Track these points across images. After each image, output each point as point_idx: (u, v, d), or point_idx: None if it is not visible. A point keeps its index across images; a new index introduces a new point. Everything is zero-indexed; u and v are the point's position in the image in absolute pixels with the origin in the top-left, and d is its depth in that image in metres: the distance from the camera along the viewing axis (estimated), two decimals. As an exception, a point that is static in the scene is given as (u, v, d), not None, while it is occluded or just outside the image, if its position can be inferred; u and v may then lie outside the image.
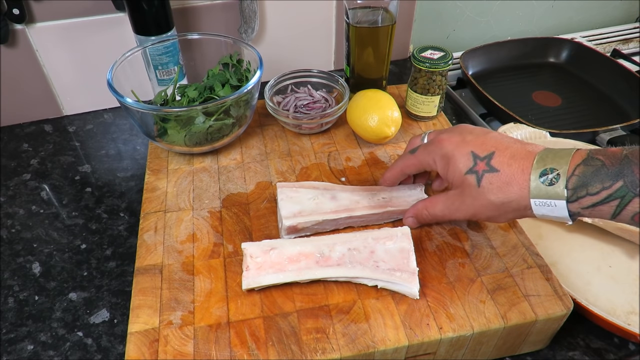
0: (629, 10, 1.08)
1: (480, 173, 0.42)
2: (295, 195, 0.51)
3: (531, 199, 0.39)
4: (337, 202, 0.51)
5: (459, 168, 0.43)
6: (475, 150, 0.43)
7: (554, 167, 0.38)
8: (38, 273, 0.56)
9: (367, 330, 0.43)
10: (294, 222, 0.48)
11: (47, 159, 0.72)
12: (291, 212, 0.49)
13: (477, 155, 0.42)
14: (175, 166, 0.61)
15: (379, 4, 0.64)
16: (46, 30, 0.71)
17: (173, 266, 0.49)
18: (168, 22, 0.67)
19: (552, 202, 0.38)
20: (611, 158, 0.37)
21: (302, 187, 0.52)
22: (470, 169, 0.42)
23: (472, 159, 0.42)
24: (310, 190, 0.52)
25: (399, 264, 0.46)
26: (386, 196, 0.53)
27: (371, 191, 0.53)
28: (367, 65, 0.69)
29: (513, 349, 0.48)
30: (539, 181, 0.39)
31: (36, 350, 0.49)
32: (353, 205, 0.51)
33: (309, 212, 0.50)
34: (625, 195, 0.35)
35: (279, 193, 0.52)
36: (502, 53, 0.91)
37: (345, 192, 0.53)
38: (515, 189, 0.40)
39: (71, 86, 0.77)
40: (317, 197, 0.51)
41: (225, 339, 0.42)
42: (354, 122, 0.64)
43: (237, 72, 0.65)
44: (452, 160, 0.44)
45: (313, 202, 0.51)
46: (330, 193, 0.52)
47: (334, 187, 0.53)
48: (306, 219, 0.49)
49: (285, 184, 0.53)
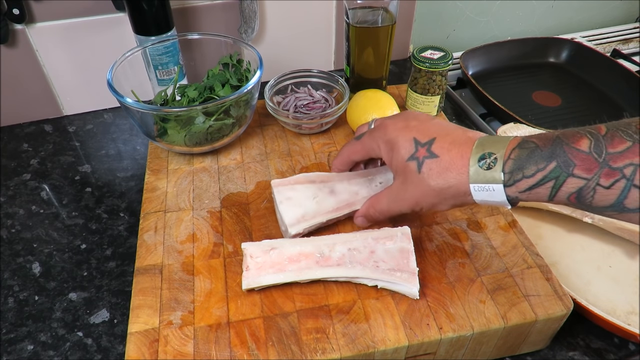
0: (629, 10, 1.08)
1: (421, 159, 0.41)
2: (294, 195, 0.50)
3: (470, 183, 0.39)
4: (337, 197, 0.51)
5: (401, 154, 0.43)
6: (417, 137, 0.42)
7: (492, 152, 0.38)
8: (38, 273, 0.56)
9: (367, 330, 0.43)
10: (300, 228, 0.48)
11: (47, 159, 0.72)
12: (294, 218, 0.49)
13: (418, 142, 0.42)
14: (175, 166, 0.61)
15: (379, 4, 0.64)
16: (46, 30, 0.71)
17: (173, 266, 0.49)
18: (168, 22, 0.67)
19: (490, 187, 0.38)
20: (544, 140, 0.37)
21: (298, 182, 0.51)
22: (412, 155, 0.42)
23: (414, 145, 0.42)
24: (308, 187, 0.51)
25: (399, 264, 0.46)
26: (382, 180, 0.52)
27: (367, 176, 0.52)
28: (367, 65, 0.69)
29: (513, 349, 0.48)
30: (477, 166, 0.38)
31: (36, 350, 0.49)
32: (353, 197, 0.51)
33: (312, 215, 0.49)
34: (559, 175, 0.35)
35: (275, 194, 0.50)
36: (502, 53, 0.91)
37: (342, 182, 0.52)
38: (454, 174, 0.40)
39: (71, 86, 0.77)
40: (317, 194, 0.50)
41: (225, 339, 0.42)
42: (354, 122, 0.64)
43: (237, 72, 0.65)
44: (395, 146, 0.43)
45: (314, 202, 0.50)
46: (328, 186, 0.51)
47: (330, 178, 0.52)
48: (310, 223, 0.49)
49: (280, 181, 0.51)
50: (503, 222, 0.53)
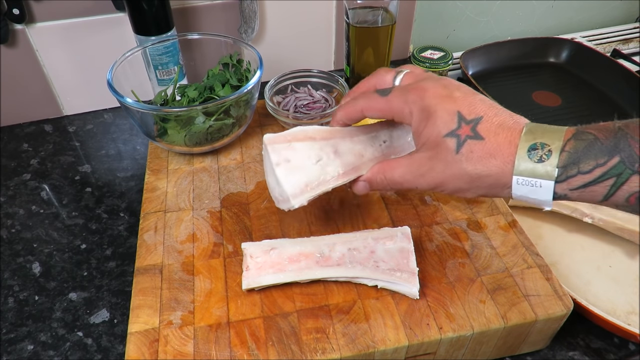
0: (629, 10, 1.08)
1: (463, 138, 0.36)
2: (293, 157, 0.42)
3: (514, 175, 0.34)
4: (341, 159, 0.43)
5: (438, 127, 0.37)
6: (462, 111, 0.36)
7: (545, 142, 0.33)
8: (38, 273, 0.56)
9: (367, 330, 0.43)
10: (304, 200, 0.41)
11: (47, 159, 0.72)
12: (297, 187, 0.41)
13: (462, 117, 0.36)
14: (175, 166, 0.61)
15: (379, 4, 0.64)
16: (46, 30, 0.71)
17: (173, 266, 0.49)
18: (168, 22, 0.67)
19: (537, 182, 0.33)
20: (604, 131, 0.32)
21: (296, 139, 0.43)
22: (452, 132, 0.36)
23: (457, 120, 0.36)
24: (309, 146, 0.43)
25: (399, 264, 0.46)
26: (386, 138, 0.45)
27: (369, 133, 0.45)
28: (367, 65, 0.69)
29: (513, 349, 0.48)
30: (527, 156, 0.34)
31: (36, 350, 0.49)
32: (358, 160, 0.43)
33: (317, 182, 0.41)
34: (621, 172, 0.31)
35: (270, 153, 0.42)
36: (502, 53, 0.91)
37: (345, 140, 0.44)
38: (498, 162, 0.35)
39: (71, 86, 0.77)
40: (320, 155, 0.42)
41: (225, 339, 0.42)
42: (354, 122, 0.64)
43: (237, 72, 0.65)
44: (432, 116, 0.37)
45: (317, 166, 0.42)
46: (331, 145, 0.43)
47: (331, 134, 0.44)
48: (315, 192, 0.41)
49: (275, 136, 0.43)
50: (503, 222, 0.53)
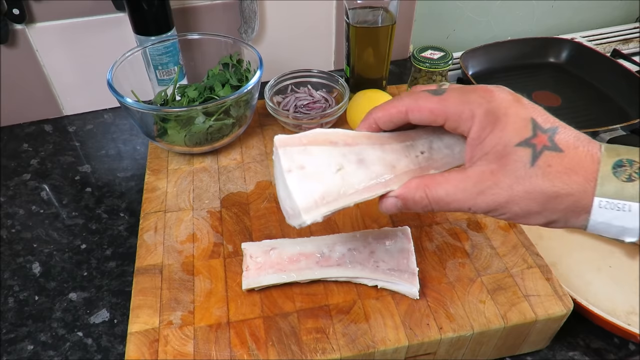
0: (629, 10, 1.08)
1: (539, 148, 0.30)
2: (309, 162, 0.34)
3: (596, 197, 0.29)
4: (367, 169, 0.35)
5: (508, 134, 0.31)
6: (537, 118, 0.31)
7: (632, 159, 0.29)
8: (38, 273, 0.56)
9: (367, 331, 0.43)
10: (318, 216, 0.33)
11: (47, 159, 0.72)
12: (311, 199, 0.33)
13: (538, 125, 0.31)
14: (175, 166, 0.61)
15: (379, 4, 0.64)
16: (46, 30, 0.71)
17: (173, 266, 0.49)
18: (168, 22, 0.67)
19: (625, 205, 0.29)
20: None
21: (314, 142, 0.35)
22: (526, 140, 0.31)
23: (532, 128, 0.31)
24: (329, 151, 0.35)
25: (399, 264, 0.46)
26: (425, 149, 0.37)
27: (404, 141, 0.37)
28: (367, 65, 0.69)
29: (513, 349, 0.48)
30: (612, 174, 0.29)
31: (36, 350, 0.49)
32: (388, 172, 0.36)
33: (335, 195, 0.34)
34: None
35: (282, 157, 0.34)
36: (502, 53, 0.91)
37: (374, 148, 0.36)
38: (580, 179, 0.29)
39: (71, 86, 0.77)
40: (341, 163, 0.35)
41: (225, 339, 0.42)
42: (354, 122, 0.64)
43: (237, 72, 0.65)
44: (501, 120, 0.31)
45: (337, 175, 0.34)
46: (355, 152, 0.36)
47: (356, 140, 0.36)
48: (332, 208, 0.33)
49: (288, 138, 0.35)
50: (503, 222, 0.53)
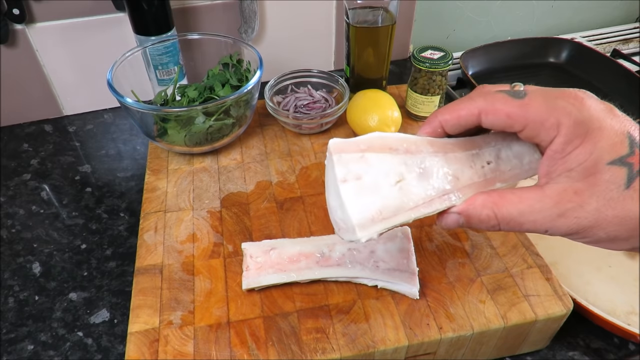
0: (629, 10, 1.08)
1: (637, 168, 0.27)
2: (366, 173, 0.31)
3: None
4: (429, 181, 0.32)
5: (601, 151, 0.27)
6: (633, 133, 0.27)
7: None
8: (38, 273, 0.56)
9: (367, 330, 0.43)
10: (374, 233, 0.30)
11: (47, 159, 0.72)
12: (368, 215, 0.30)
13: (635, 141, 0.27)
14: (175, 166, 0.61)
15: (379, 4, 0.64)
16: (46, 30, 0.71)
17: (173, 266, 0.49)
18: (168, 22, 0.67)
19: None
20: None
21: (371, 149, 0.32)
22: (621, 159, 0.27)
23: (628, 145, 0.27)
24: (388, 159, 0.32)
25: (399, 264, 0.46)
26: (492, 159, 0.34)
27: (470, 150, 0.34)
28: (367, 65, 0.69)
29: (513, 349, 0.48)
30: None
31: (36, 350, 0.49)
32: (451, 185, 0.32)
33: (394, 210, 0.31)
34: None
35: (336, 164, 0.31)
36: (502, 53, 0.91)
37: (437, 156, 0.33)
38: None
39: (71, 86, 0.77)
40: (402, 174, 0.32)
41: (225, 339, 0.42)
42: (354, 122, 0.64)
43: (237, 72, 0.65)
44: (594, 134, 0.27)
45: (396, 188, 0.31)
46: (417, 163, 0.32)
47: (418, 147, 0.33)
48: (389, 224, 0.31)
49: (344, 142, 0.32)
50: (503, 222, 0.53)
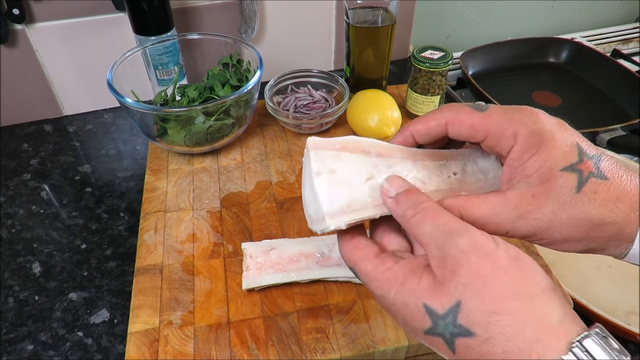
0: (629, 10, 1.08)
1: (586, 175, 0.29)
2: (339, 168, 0.33)
3: None
4: None
5: (553, 158, 0.30)
6: (582, 144, 0.30)
7: None
8: (38, 273, 0.56)
9: (367, 330, 0.43)
10: (341, 223, 0.32)
11: (47, 159, 0.72)
12: (337, 205, 0.32)
13: (583, 151, 0.30)
14: (175, 166, 0.61)
15: (379, 4, 0.64)
16: (46, 30, 0.71)
17: (173, 266, 0.49)
18: (168, 22, 0.67)
19: None
20: None
21: (346, 148, 0.34)
22: (571, 166, 0.30)
23: (577, 153, 0.30)
24: (360, 159, 0.34)
25: (399, 264, 0.46)
26: (458, 170, 0.36)
27: (438, 160, 0.36)
28: (367, 65, 0.69)
29: (513, 349, 0.48)
30: None
31: (36, 350, 0.49)
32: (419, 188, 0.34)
33: (362, 204, 0.32)
34: None
35: (312, 159, 0.33)
36: (502, 53, 0.91)
37: (406, 162, 0.35)
38: (625, 207, 0.29)
39: (71, 86, 0.77)
40: (372, 174, 0.34)
41: (225, 339, 0.42)
42: (354, 122, 0.64)
43: (237, 72, 0.65)
44: (548, 144, 0.30)
45: (366, 185, 0.33)
46: (387, 165, 0.35)
47: (390, 152, 0.35)
48: (357, 216, 0.32)
49: (321, 141, 0.34)
50: (503, 222, 0.53)
